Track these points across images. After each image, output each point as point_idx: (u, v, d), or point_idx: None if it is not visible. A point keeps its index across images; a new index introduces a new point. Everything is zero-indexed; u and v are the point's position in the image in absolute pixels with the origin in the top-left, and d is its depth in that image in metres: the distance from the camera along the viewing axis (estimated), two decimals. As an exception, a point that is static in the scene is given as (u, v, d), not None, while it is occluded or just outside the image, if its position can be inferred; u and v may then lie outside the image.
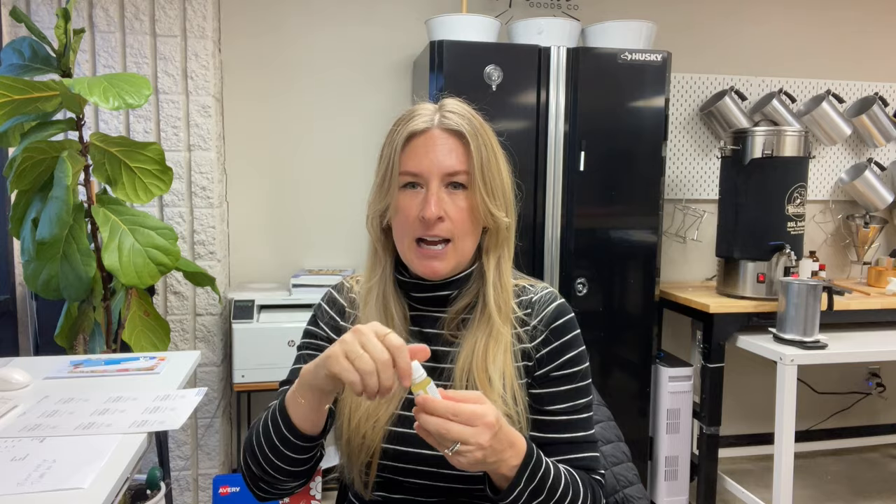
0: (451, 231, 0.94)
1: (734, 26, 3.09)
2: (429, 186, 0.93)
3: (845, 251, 3.29)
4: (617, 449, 1.19)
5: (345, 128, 2.79)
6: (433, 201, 0.92)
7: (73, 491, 0.95)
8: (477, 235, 0.99)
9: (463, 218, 0.95)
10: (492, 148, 0.97)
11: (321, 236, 2.82)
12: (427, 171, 0.93)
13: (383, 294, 1.01)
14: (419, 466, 0.93)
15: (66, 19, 1.79)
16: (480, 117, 0.98)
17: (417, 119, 0.95)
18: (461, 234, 0.95)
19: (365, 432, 0.93)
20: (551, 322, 0.99)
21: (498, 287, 0.98)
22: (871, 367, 3.31)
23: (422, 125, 0.94)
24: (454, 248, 0.95)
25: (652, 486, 2.68)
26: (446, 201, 0.94)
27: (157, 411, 1.28)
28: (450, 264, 0.96)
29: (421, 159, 0.93)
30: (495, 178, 0.96)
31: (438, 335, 1.00)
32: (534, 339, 0.98)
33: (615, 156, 2.48)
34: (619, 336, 2.57)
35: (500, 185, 0.98)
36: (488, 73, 2.33)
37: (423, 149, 0.94)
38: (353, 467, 0.96)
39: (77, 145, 1.82)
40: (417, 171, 0.94)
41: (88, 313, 1.93)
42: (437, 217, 0.92)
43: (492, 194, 0.96)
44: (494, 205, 0.96)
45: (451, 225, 0.94)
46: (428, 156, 0.93)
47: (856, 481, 3.00)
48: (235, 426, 2.75)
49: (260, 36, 2.70)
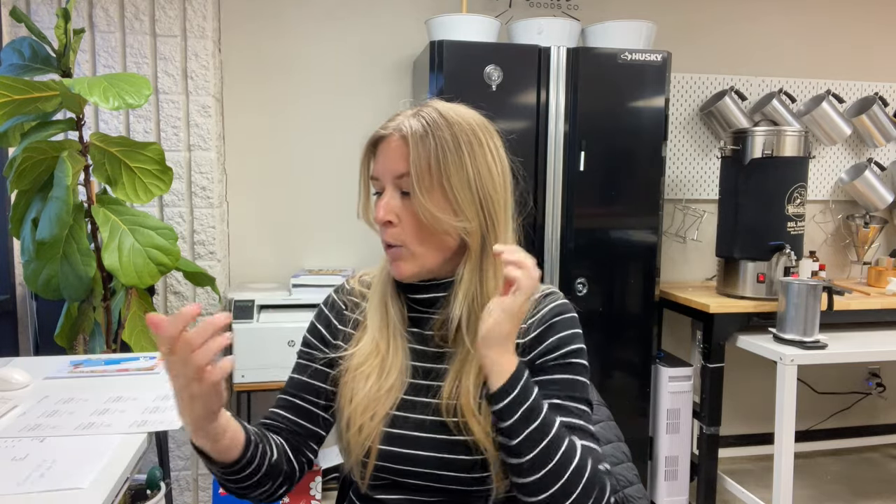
0: (400, 237, 0.93)
1: (734, 26, 3.09)
2: (384, 191, 0.94)
3: (845, 251, 3.29)
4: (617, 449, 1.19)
5: (345, 127, 2.79)
6: (381, 205, 0.93)
7: (72, 491, 0.95)
8: (440, 243, 0.94)
9: (411, 224, 0.93)
10: (454, 147, 0.90)
11: (321, 236, 2.82)
12: (381, 175, 0.95)
13: (383, 293, 1.01)
14: (416, 468, 0.93)
15: (66, 19, 1.79)
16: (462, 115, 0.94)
17: (385, 124, 0.96)
18: (412, 241, 0.93)
19: (362, 424, 0.93)
20: (554, 316, 0.97)
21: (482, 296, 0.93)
22: (871, 367, 3.31)
23: (382, 131, 0.95)
24: (411, 254, 0.94)
25: (652, 486, 2.68)
26: (398, 207, 0.93)
27: (157, 411, 1.28)
28: (412, 267, 0.95)
29: (379, 164, 0.95)
30: (452, 178, 0.90)
31: (430, 337, 1.00)
32: (534, 332, 0.96)
33: (615, 156, 2.48)
34: (619, 336, 2.57)
35: (464, 186, 0.90)
36: (488, 73, 2.33)
37: (382, 153, 0.95)
38: (350, 460, 0.96)
39: (77, 145, 1.82)
40: (375, 174, 0.96)
41: (88, 313, 1.93)
42: (385, 221, 0.93)
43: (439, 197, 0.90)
44: (440, 208, 0.90)
45: (400, 231, 0.93)
46: (383, 160, 0.95)
47: (856, 481, 3.00)
48: (235, 426, 2.74)
49: (260, 36, 2.70)
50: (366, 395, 0.94)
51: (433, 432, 0.93)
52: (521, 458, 0.84)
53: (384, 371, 0.96)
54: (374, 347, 0.98)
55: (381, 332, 0.99)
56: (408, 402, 0.96)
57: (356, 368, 0.97)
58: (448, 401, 0.93)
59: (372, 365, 0.97)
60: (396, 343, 0.98)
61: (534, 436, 0.84)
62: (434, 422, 0.94)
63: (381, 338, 0.99)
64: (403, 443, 0.94)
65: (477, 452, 0.91)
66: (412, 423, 0.94)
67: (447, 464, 0.92)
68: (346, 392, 0.96)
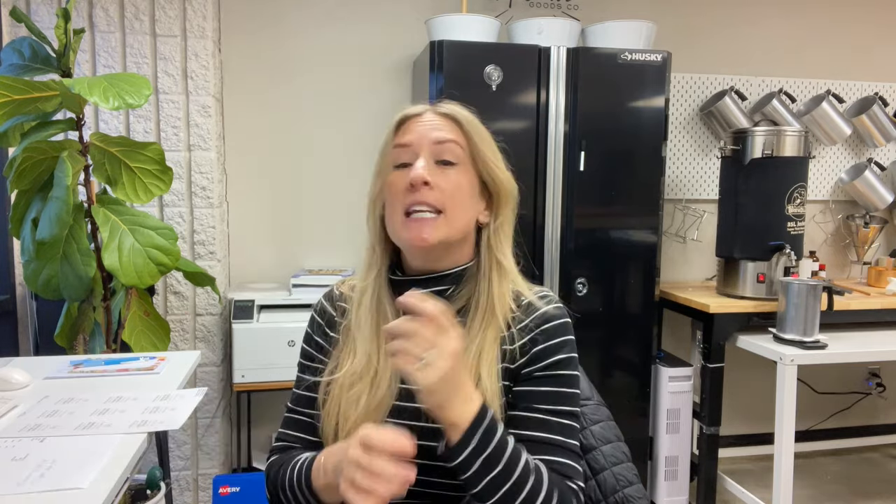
0: (441, 200, 0.92)
1: (734, 26, 3.09)
2: (417, 157, 0.94)
3: (845, 251, 3.29)
4: (617, 449, 1.19)
5: (345, 127, 2.79)
6: (419, 165, 0.92)
7: (72, 491, 0.95)
8: (470, 216, 0.97)
9: (453, 188, 0.93)
10: (486, 138, 0.99)
11: (321, 236, 2.82)
12: (416, 142, 0.94)
13: (378, 294, 0.99)
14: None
15: (66, 19, 1.79)
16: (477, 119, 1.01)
17: (412, 108, 0.99)
18: (452, 205, 0.93)
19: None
20: (542, 323, 0.95)
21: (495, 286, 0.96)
22: (871, 367, 3.31)
23: (415, 110, 0.98)
24: (445, 220, 0.93)
25: (652, 486, 2.68)
26: (436, 172, 0.94)
27: (157, 411, 1.27)
28: (440, 234, 0.92)
29: (412, 132, 0.96)
30: (491, 160, 0.98)
31: None
32: (521, 340, 0.94)
33: (615, 156, 2.48)
34: (619, 336, 2.56)
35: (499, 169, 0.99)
36: (488, 73, 2.33)
37: (415, 125, 0.96)
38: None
39: (77, 145, 1.82)
40: (407, 141, 0.95)
41: (88, 313, 1.93)
42: (424, 181, 0.91)
43: (486, 167, 0.98)
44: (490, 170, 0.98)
45: (440, 194, 0.92)
46: (418, 128, 0.96)
47: (856, 481, 3.00)
48: (235, 426, 2.75)
49: (260, 36, 2.70)
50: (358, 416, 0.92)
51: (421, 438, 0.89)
52: (485, 502, 0.83)
53: (375, 384, 0.94)
54: (367, 361, 0.96)
55: (373, 340, 0.97)
56: (400, 411, 0.94)
57: (349, 389, 0.95)
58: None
59: (364, 384, 0.94)
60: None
61: (496, 480, 0.82)
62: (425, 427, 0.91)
63: (374, 346, 0.96)
64: None
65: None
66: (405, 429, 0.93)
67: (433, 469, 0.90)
68: (333, 408, 0.95)
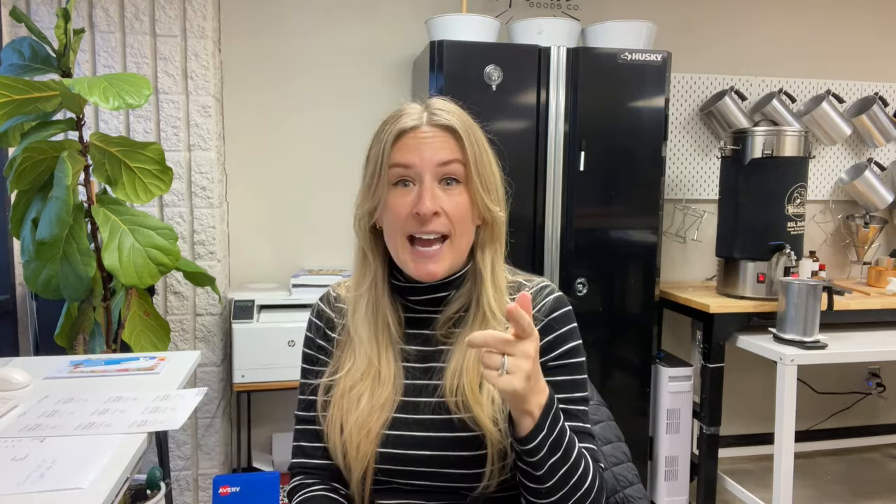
0: (448, 227, 0.92)
1: (734, 26, 3.09)
2: (422, 181, 0.91)
3: (845, 251, 3.29)
4: (617, 449, 1.19)
5: (345, 127, 2.79)
6: (428, 195, 0.90)
7: (73, 491, 0.95)
8: (472, 232, 0.97)
9: (460, 213, 0.92)
10: (482, 144, 0.96)
11: (321, 236, 2.81)
12: (419, 165, 0.90)
13: (375, 301, 0.99)
14: (417, 468, 0.92)
15: (66, 19, 1.79)
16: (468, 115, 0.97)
17: (406, 118, 0.93)
18: (459, 231, 0.93)
19: (359, 443, 0.92)
20: (549, 313, 0.96)
21: (493, 285, 0.96)
22: (871, 367, 3.31)
23: (411, 122, 0.92)
24: (451, 246, 0.93)
25: (652, 486, 2.68)
26: (441, 197, 0.91)
27: (157, 411, 1.27)
28: (446, 265, 0.93)
29: (412, 153, 0.91)
30: (488, 172, 0.95)
31: (433, 335, 0.99)
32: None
33: (615, 156, 2.48)
34: (619, 336, 2.57)
35: (493, 180, 0.96)
36: (488, 73, 2.33)
37: (414, 142, 0.91)
38: (350, 479, 0.95)
39: (77, 145, 1.82)
40: (409, 163, 0.91)
41: (88, 313, 1.93)
42: (433, 212, 0.90)
43: (486, 188, 0.95)
44: (490, 199, 0.95)
45: (447, 221, 0.91)
46: (419, 149, 0.91)
47: (856, 481, 3.00)
48: (235, 426, 2.75)
49: (260, 36, 2.70)
50: (359, 415, 0.93)
51: (433, 430, 0.92)
52: (543, 484, 0.84)
53: (378, 385, 0.94)
54: (367, 364, 0.96)
55: (372, 345, 0.97)
56: (408, 405, 0.95)
57: (350, 390, 0.95)
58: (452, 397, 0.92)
59: (364, 384, 0.95)
60: (389, 354, 0.96)
61: (556, 465, 0.84)
62: (435, 420, 0.93)
63: (374, 351, 0.96)
64: (402, 444, 0.93)
65: (475, 448, 0.90)
66: (412, 424, 0.93)
67: (444, 461, 0.91)
68: (337, 413, 0.95)
